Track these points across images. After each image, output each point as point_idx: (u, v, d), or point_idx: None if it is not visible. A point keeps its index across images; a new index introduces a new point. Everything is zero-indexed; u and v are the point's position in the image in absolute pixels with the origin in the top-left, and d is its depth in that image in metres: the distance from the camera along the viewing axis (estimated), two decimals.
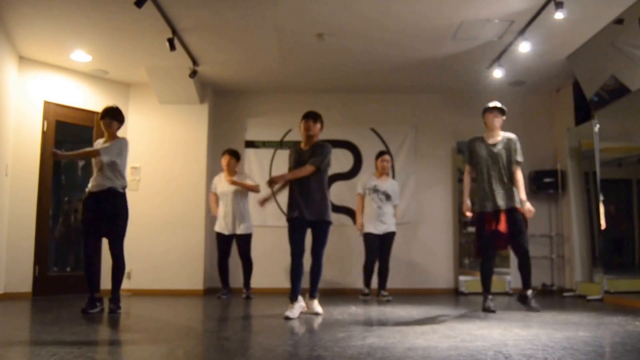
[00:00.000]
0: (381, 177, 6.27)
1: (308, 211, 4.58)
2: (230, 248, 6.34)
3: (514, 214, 4.82)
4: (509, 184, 4.90)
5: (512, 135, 5.01)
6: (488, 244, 4.91)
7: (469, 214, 5.02)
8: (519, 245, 4.83)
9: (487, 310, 4.81)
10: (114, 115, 4.88)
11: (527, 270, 4.85)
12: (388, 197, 6.19)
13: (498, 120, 4.98)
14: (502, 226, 4.80)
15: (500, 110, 4.99)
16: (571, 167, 6.99)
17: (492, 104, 5.03)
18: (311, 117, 4.72)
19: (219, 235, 6.33)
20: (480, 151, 4.99)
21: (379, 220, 6.11)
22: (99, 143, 4.93)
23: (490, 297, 4.94)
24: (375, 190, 6.17)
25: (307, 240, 4.65)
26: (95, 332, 3.74)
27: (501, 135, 5.00)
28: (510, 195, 4.86)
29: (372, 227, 6.10)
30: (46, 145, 6.40)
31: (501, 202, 4.84)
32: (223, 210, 6.28)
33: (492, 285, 4.99)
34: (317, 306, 4.68)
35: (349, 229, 7.27)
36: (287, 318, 4.32)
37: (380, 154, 6.35)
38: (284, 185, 4.82)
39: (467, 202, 5.02)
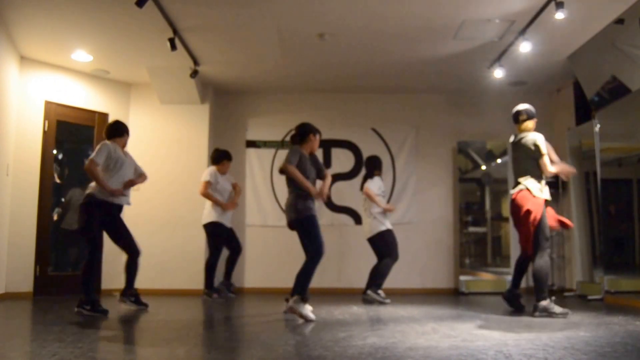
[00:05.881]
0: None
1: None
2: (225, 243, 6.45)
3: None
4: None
5: None
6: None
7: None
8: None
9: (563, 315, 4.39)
10: (127, 131, 5.07)
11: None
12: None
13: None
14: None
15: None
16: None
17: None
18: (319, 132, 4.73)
19: (220, 227, 6.26)
20: None
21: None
22: (119, 153, 4.84)
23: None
24: (384, 194, 6.27)
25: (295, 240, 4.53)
26: (96, 332, 3.75)
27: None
28: None
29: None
30: (47, 145, 6.40)
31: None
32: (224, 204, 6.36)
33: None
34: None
35: (350, 229, 7.28)
36: (311, 320, 4.18)
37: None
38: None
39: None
